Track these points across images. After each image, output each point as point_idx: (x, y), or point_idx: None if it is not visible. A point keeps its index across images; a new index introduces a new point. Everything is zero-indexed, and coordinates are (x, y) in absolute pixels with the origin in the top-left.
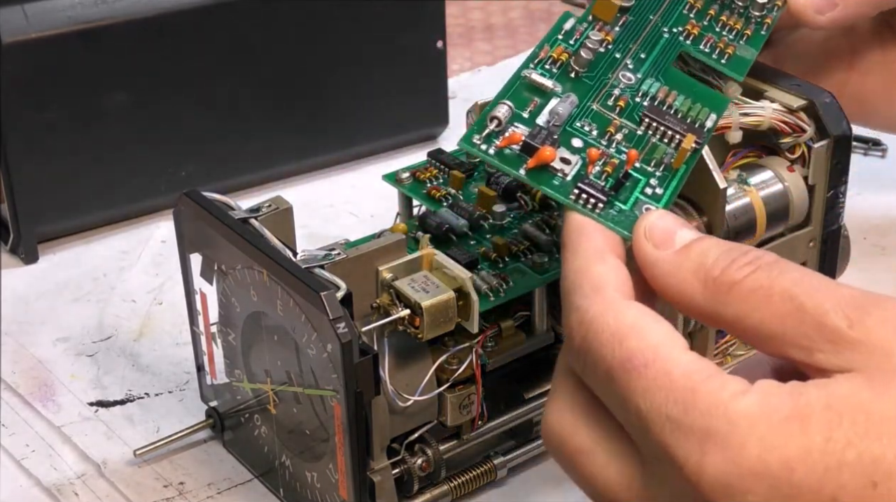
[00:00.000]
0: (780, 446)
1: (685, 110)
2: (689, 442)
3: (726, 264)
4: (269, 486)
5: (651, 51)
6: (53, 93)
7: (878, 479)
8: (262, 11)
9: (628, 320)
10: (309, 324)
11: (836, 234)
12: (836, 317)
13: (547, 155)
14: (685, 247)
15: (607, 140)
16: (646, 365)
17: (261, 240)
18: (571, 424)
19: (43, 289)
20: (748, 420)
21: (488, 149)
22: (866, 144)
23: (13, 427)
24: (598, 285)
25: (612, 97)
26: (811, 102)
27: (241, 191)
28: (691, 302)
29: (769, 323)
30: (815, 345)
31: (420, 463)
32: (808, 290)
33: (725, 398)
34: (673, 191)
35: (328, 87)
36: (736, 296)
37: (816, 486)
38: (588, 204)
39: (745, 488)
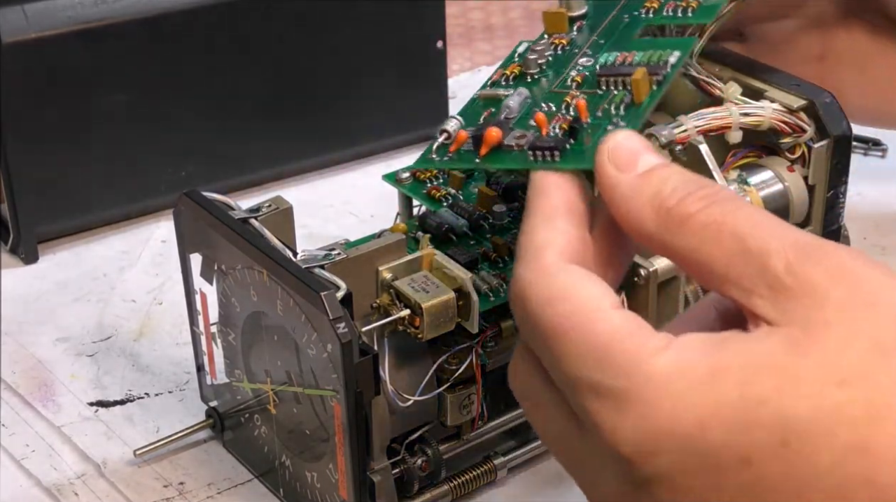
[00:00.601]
0: (693, 405)
1: (646, 60)
2: (607, 403)
3: (683, 196)
4: (269, 486)
5: (610, 36)
6: (53, 93)
7: (791, 438)
8: (262, 11)
9: (559, 284)
10: (309, 324)
11: (836, 234)
12: (778, 260)
13: (493, 135)
14: (647, 172)
15: (565, 109)
16: (572, 328)
17: (261, 240)
18: (526, 372)
19: (43, 289)
20: (662, 378)
21: (443, 158)
22: (866, 144)
23: (13, 427)
24: (540, 250)
25: (569, 79)
26: (811, 102)
27: (241, 191)
28: (643, 229)
29: (715, 260)
30: (756, 288)
31: (420, 463)
32: (757, 231)
33: (643, 357)
34: (636, 120)
35: (328, 87)
36: (687, 230)
37: (728, 444)
38: (545, 157)
39: (657, 447)
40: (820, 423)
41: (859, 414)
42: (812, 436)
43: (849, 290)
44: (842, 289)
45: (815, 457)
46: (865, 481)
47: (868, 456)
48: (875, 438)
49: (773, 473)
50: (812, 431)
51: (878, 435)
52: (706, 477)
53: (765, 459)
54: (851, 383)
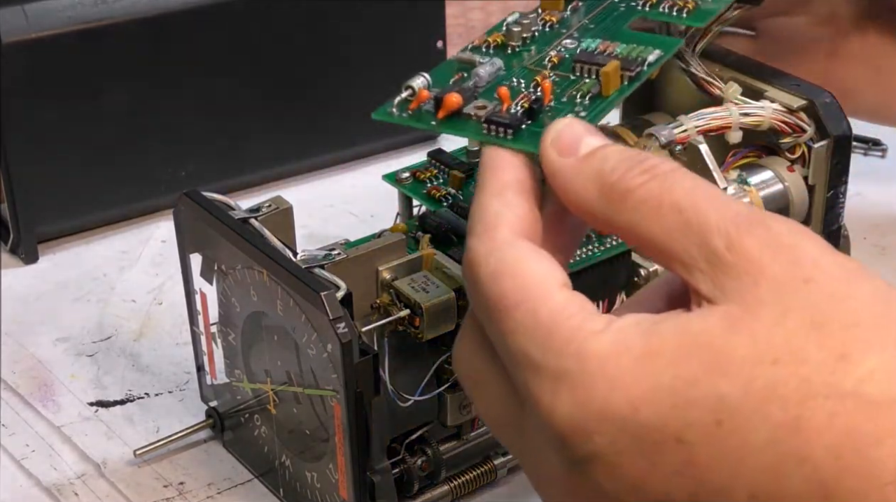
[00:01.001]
0: (626, 385)
1: (625, 54)
2: (545, 383)
3: (623, 171)
4: (269, 486)
5: (602, 22)
6: (53, 93)
7: (724, 417)
8: (262, 11)
9: (509, 258)
10: (309, 324)
11: (836, 234)
12: (718, 235)
13: (452, 100)
14: (588, 153)
15: (534, 88)
16: (516, 304)
17: (261, 240)
18: (471, 352)
19: (43, 289)
20: (598, 359)
21: (402, 114)
22: (866, 144)
23: (13, 427)
24: (491, 225)
25: (547, 57)
26: (811, 102)
27: (241, 191)
28: (588, 208)
29: (658, 235)
30: (696, 263)
31: (420, 463)
32: (697, 204)
33: (581, 337)
34: (598, 113)
35: (328, 87)
36: (629, 205)
37: (662, 425)
38: (499, 134)
39: (592, 428)
40: (752, 402)
41: (792, 393)
42: (745, 416)
43: (785, 266)
44: (778, 264)
45: (749, 436)
46: (799, 459)
47: (801, 434)
48: (807, 416)
49: (707, 453)
50: (745, 410)
51: (811, 413)
52: (641, 457)
53: (698, 439)
54: (784, 361)
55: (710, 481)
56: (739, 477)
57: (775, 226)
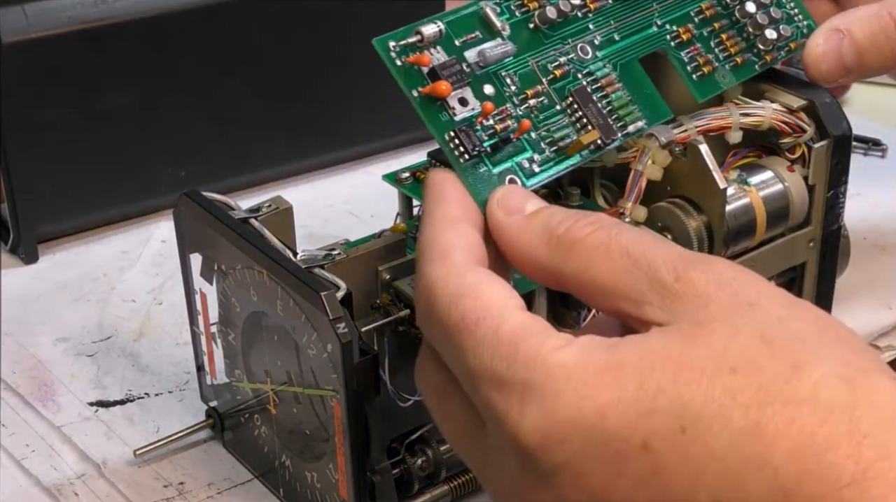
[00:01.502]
0: (593, 395)
1: (617, 106)
2: (511, 397)
3: (570, 224)
4: (269, 486)
5: (627, 37)
6: (53, 93)
7: (687, 424)
8: (263, 12)
9: (468, 282)
10: (309, 324)
11: (836, 234)
12: (666, 271)
13: (443, 89)
14: (533, 213)
15: (520, 101)
16: (476, 323)
17: (261, 240)
18: (432, 368)
19: (43, 289)
20: (564, 371)
21: (395, 59)
22: (866, 144)
23: (13, 427)
24: (445, 251)
25: (555, 63)
26: (811, 102)
27: (241, 191)
28: (536, 261)
29: (605, 277)
30: (645, 298)
31: (420, 463)
32: (643, 248)
33: (545, 352)
34: (550, 175)
35: (328, 87)
36: (577, 253)
37: (628, 432)
38: (457, 150)
39: (560, 437)
40: (714, 409)
41: (750, 400)
42: (707, 422)
43: (730, 294)
44: (724, 293)
45: (711, 442)
46: (760, 463)
47: (761, 438)
48: (766, 421)
49: (671, 458)
50: (707, 417)
51: (770, 418)
52: (607, 464)
53: (663, 446)
54: (741, 370)
55: (674, 488)
56: (702, 483)
57: (717, 263)
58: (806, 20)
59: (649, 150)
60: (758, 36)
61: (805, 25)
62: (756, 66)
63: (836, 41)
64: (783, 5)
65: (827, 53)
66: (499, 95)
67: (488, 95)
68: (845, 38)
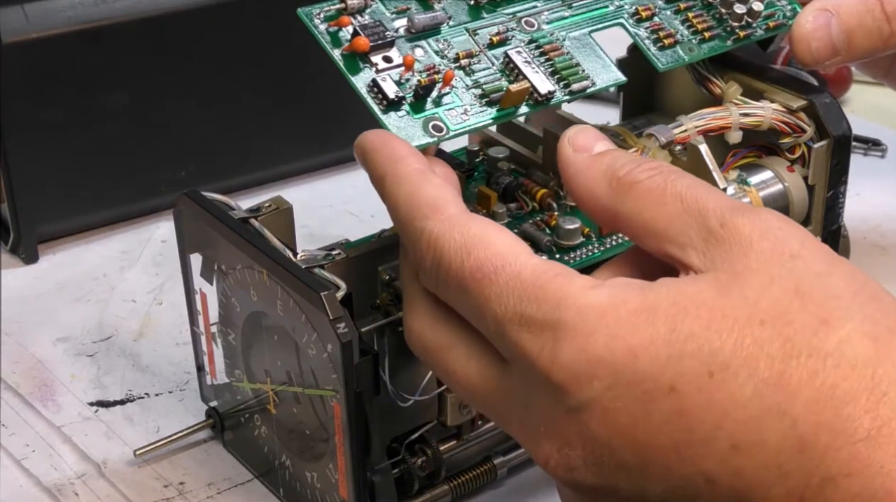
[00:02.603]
0: (625, 335)
1: (560, 68)
2: (543, 335)
3: (631, 167)
4: (269, 486)
5: (578, 14)
6: (53, 93)
7: (715, 369)
8: (263, 12)
9: (473, 232)
10: (309, 324)
11: (836, 234)
12: (714, 217)
13: (361, 43)
14: (600, 153)
15: (451, 59)
16: (496, 271)
17: (261, 240)
18: (431, 323)
19: (43, 289)
20: (597, 310)
21: (319, 25)
22: (866, 144)
23: (13, 427)
24: (436, 205)
25: (494, 31)
26: (811, 103)
27: (241, 191)
28: (596, 199)
29: (657, 220)
30: (691, 242)
31: (420, 463)
32: (695, 194)
33: (575, 291)
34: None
35: (328, 87)
36: (634, 195)
37: (657, 373)
38: (376, 98)
39: (591, 374)
40: (741, 358)
41: (777, 351)
42: (734, 370)
43: (773, 243)
44: (767, 242)
45: (736, 390)
46: (780, 412)
47: (784, 389)
48: (791, 372)
49: (696, 402)
50: (734, 365)
51: (794, 369)
52: (635, 403)
53: (690, 389)
54: (770, 322)
55: (696, 430)
56: (723, 428)
57: (765, 213)
58: (791, 3)
59: (649, 150)
60: (729, 14)
61: (789, 8)
62: (728, 41)
63: (825, 20)
64: None
65: (816, 30)
66: (428, 56)
67: (417, 58)
68: (833, 17)
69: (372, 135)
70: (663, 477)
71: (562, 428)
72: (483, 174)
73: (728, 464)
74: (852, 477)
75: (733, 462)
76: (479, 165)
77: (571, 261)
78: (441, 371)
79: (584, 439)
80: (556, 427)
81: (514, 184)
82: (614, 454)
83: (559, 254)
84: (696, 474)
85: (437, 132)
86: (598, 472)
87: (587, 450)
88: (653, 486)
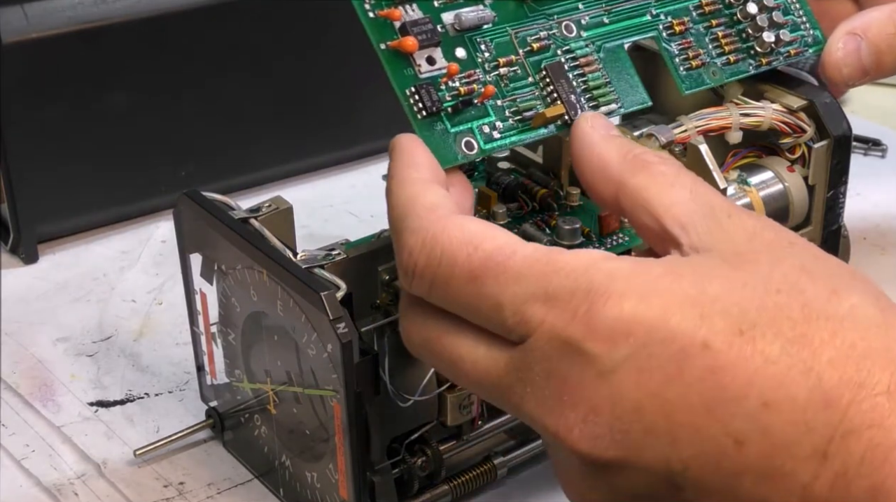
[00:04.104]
0: (656, 295)
1: (592, 86)
2: (573, 302)
3: (644, 151)
4: (269, 486)
5: (617, 22)
6: (53, 93)
7: (744, 328)
8: (263, 11)
9: (473, 229)
10: (309, 324)
11: (836, 234)
12: (720, 209)
13: (409, 44)
14: (616, 134)
15: (491, 67)
16: (508, 257)
17: (261, 240)
18: (425, 320)
19: (43, 289)
20: (626, 273)
21: (369, 11)
22: (866, 144)
23: (13, 427)
24: (434, 207)
25: (535, 36)
26: (811, 103)
27: (241, 191)
28: (606, 167)
29: (662, 197)
30: (693, 223)
31: (420, 463)
32: (704, 189)
33: (597, 259)
34: (510, 142)
35: (328, 87)
36: (645, 172)
37: (691, 331)
38: (416, 106)
39: (627, 331)
40: (767, 318)
41: (797, 315)
42: (762, 329)
43: (775, 233)
44: (769, 232)
45: (765, 347)
46: (805, 369)
47: (807, 348)
48: (812, 333)
49: (728, 358)
50: (761, 324)
51: (815, 331)
52: (669, 361)
53: (722, 346)
54: (785, 291)
55: (728, 387)
56: (754, 384)
57: (764, 217)
58: (813, 30)
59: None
60: (756, 38)
61: (811, 35)
62: (751, 67)
63: (854, 45)
64: (790, 12)
65: (847, 56)
66: (470, 60)
67: (459, 59)
68: (862, 40)
69: (402, 138)
70: (691, 441)
71: (590, 394)
72: (483, 174)
73: (757, 422)
74: (874, 429)
75: (763, 419)
76: (480, 165)
77: None
78: (446, 359)
79: (612, 402)
80: (584, 393)
81: (514, 184)
82: (643, 417)
83: None
84: (724, 435)
85: (469, 150)
86: (623, 440)
87: (615, 416)
88: (678, 452)
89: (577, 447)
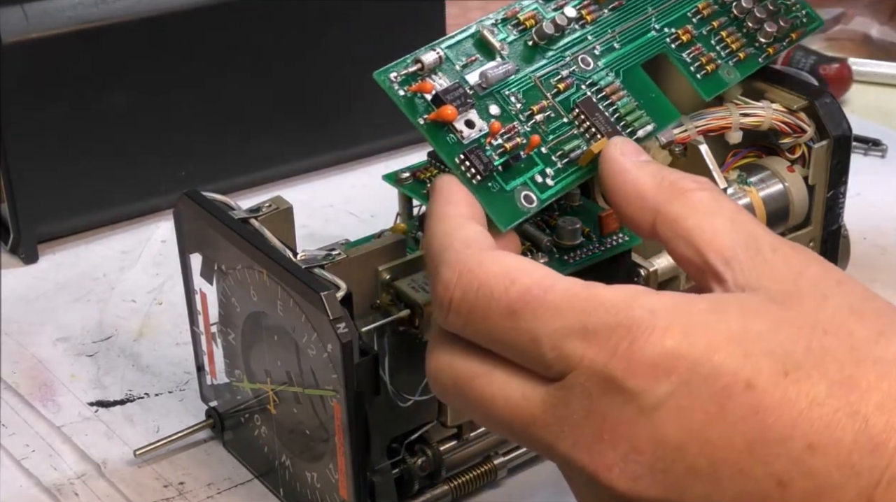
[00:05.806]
0: (702, 330)
1: (624, 113)
2: (613, 338)
3: (680, 176)
4: (269, 486)
5: (627, 44)
6: (53, 93)
7: (790, 369)
8: (263, 11)
9: (510, 263)
10: (309, 324)
11: (836, 234)
12: (765, 241)
13: (448, 113)
14: (649, 161)
15: (526, 117)
16: (546, 290)
17: (261, 240)
18: (461, 356)
19: (43, 289)
20: (669, 308)
21: (398, 90)
22: (866, 144)
23: (13, 427)
24: (469, 242)
25: (557, 77)
26: (811, 102)
27: (241, 191)
28: (641, 194)
29: (703, 228)
30: (736, 257)
31: (420, 463)
32: (746, 218)
33: (639, 293)
34: (564, 187)
35: (328, 87)
36: (683, 200)
37: (735, 369)
38: (469, 172)
39: (670, 368)
40: (813, 359)
41: (844, 357)
42: (807, 370)
43: (822, 271)
44: (814, 267)
45: (811, 388)
46: (852, 412)
47: (854, 391)
48: (859, 375)
49: (773, 399)
50: (807, 366)
51: (862, 373)
52: (711, 399)
53: (767, 386)
54: (833, 333)
55: (772, 429)
56: (799, 427)
57: (809, 250)
58: (804, 9)
59: (649, 151)
60: (758, 30)
61: (804, 14)
62: (759, 58)
63: None
64: None
65: None
66: (505, 114)
67: (494, 115)
68: None
69: (441, 179)
70: (733, 482)
71: (631, 433)
72: None
73: (802, 465)
74: None
75: (808, 462)
76: None
77: (571, 261)
78: (476, 397)
79: (654, 441)
80: (624, 431)
81: None
82: (685, 456)
83: (559, 254)
84: (767, 476)
85: (529, 204)
86: (665, 480)
87: (657, 455)
88: (720, 493)
89: (617, 487)
